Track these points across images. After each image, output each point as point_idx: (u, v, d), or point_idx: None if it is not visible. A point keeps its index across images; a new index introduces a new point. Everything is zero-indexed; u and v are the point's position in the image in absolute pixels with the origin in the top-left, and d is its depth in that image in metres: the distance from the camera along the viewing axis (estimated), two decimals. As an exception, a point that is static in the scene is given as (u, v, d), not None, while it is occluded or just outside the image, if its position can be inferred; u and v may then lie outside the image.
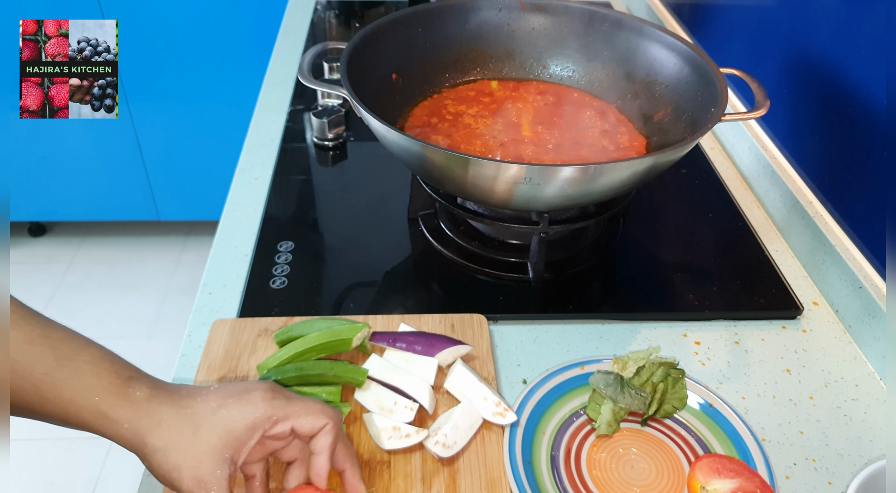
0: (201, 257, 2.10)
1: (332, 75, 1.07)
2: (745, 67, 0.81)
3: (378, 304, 0.72)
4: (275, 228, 0.80)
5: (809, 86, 0.82)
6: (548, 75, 0.91)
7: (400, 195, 0.86)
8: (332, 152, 0.95)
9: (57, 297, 1.96)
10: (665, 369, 0.59)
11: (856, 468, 0.57)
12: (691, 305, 0.72)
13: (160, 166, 1.95)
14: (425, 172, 0.69)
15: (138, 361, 0.48)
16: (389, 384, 0.58)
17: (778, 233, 0.84)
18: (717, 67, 0.74)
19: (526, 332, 0.69)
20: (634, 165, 0.62)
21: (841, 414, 0.62)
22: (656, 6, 1.31)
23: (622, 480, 0.55)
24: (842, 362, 0.67)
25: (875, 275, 0.69)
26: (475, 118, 0.82)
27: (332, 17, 1.37)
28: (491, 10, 0.89)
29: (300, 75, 0.75)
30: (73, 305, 1.93)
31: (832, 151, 0.78)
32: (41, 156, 1.89)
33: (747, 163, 0.93)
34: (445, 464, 0.54)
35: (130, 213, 2.05)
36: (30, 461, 1.55)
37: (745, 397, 0.63)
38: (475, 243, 0.78)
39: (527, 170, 0.60)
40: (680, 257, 0.80)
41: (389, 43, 0.82)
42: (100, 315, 1.90)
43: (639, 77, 0.84)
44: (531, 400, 0.59)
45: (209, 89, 1.82)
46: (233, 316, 0.69)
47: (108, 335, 1.73)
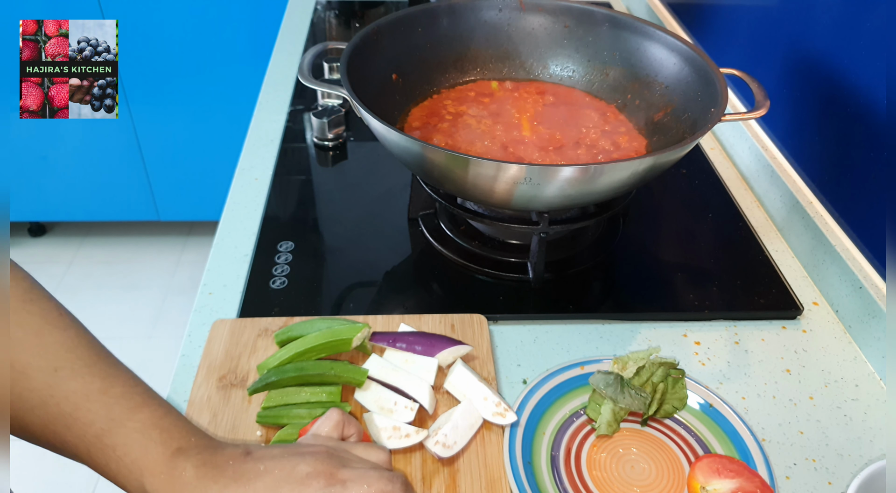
0: (201, 256, 2.10)
1: (332, 75, 1.07)
2: (745, 67, 0.81)
3: (378, 304, 0.72)
4: (275, 228, 0.80)
5: (809, 86, 0.82)
6: (548, 75, 0.91)
7: (400, 195, 0.86)
8: (332, 152, 0.95)
9: (57, 297, 1.96)
10: (665, 370, 0.59)
11: (856, 468, 0.57)
12: (691, 305, 0.72)
13: (160, 166, 1.95)
14: (425, 172, 0.69)
15: (138, 361, 0.47)
16: (389, 384, 0.58)
17: (778, 233, 0.84)
18: (717, 67, 0.74)
19: (526, 332, 0.69)
20: (634, 165, 0.62)
21: (841, 414, 0.62)
22: (656, 6, 1.31)
23: (622, 480, 0.55)
24: (842, 362, 0.67)
25: (875, 275, 0.69)
26: (475, 118, 0.82)
27: (332, 17, 1.37)
28: (491, 10, 0.89)
29: (300, 75, 0.75)
30: (73, 305, 1.91)
31: (832, 151, 0.78)
32: (41, 156, 1.89)
33: (747, 163, 0.93)
34: (445, 464, 0.54)
35: (130, 213, 2.05)
36: (29, 461, 1.55)
37: (745, 398, 0.63)
38: (475, 243, 0.78)
39: (527, 170, 0.60)
40: (680, 257, 0.80)
41: (389, 43, 0.82)
42: (100, 315, 1.90)
43: (639, 77, 0.84)
44: (531, 400, 0.59)
45: (209, 89, 1.82)
46: (233, 316, 0.69)
47: (109, 335, 1.73)
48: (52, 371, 0.44)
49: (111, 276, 2.05)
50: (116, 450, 0.43)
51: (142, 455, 0.43)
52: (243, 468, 0.44)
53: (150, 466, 0.43)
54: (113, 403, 0.44)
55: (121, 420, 0.43)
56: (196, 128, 1.88)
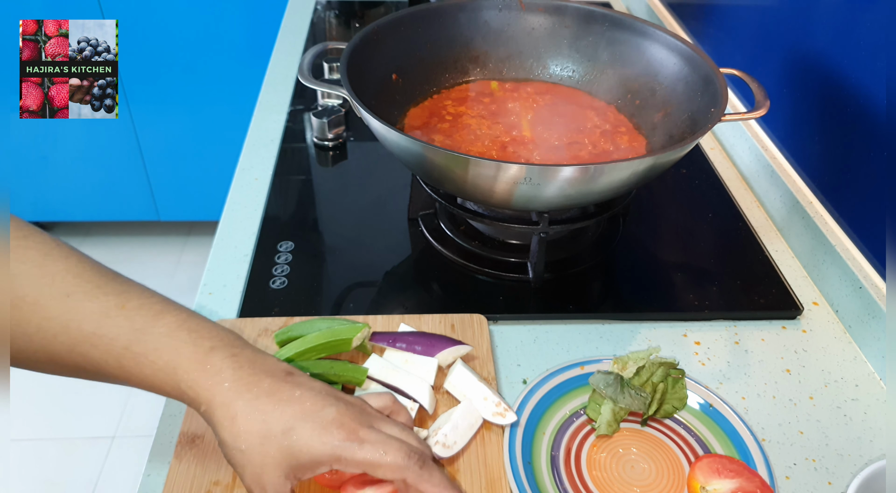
0: (201, 257, 2.10)
1: (332, 75, 1.07)
2: (745, 67, 0.81)
3: (378, 304, 0.72)
4: (275, 228, 0.80)
5: (809, 86, 0.82)
6: (548, 75, 0.91)
7: (400, 195, 0.86)
8: (332, 152, 0.95)
9: (57, 297, 1.96)
10: (665, 370, 0.59)
11: (856, 468, 0.57)
12: (691, 305, 0.72)
13: (160, 166, 1.95)
14: (425, 173, 0.69)
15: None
16: (389, 384, 0.58)
17: (778, 233, 0.84)
18: (717, 67, 0.74)
19: (526, 332, 0.69)
20: (634, 165, 0.62)
21: (841, 414, 0.62)
22: (656, 6, 1.31)
23: (622, 480, 0.55)
24: (842, 362, 0.67)
25: (875, 275, 0.69)
26: (475, 118, 0.82)
27: (332, 17, 1.37)
28: (491, 10, 0.89)
29: (300, 75, 0.75)
30: (73, 305, 1.93)
31: (832, 151, 0.78)
32: (41, 156, 1.89)
33: (747, 163, 0.93)
34: (445, 464, 0.54)
35: (130, 213, 2.05)
36: (30, 461, 1.55)
37: (745, 397, 0.63)
38: (475, 243, 0.78)
39: (527, 170, 0.60)
40: (680, 257, 0.80)
41: (389, 43, 0.82)
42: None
43: (639, 77, 0.84)
44: (531, 400, 0.59)
45: (209, 89, 1.82)
46: (233, 316, 0.69)
47: (108, 335, 1.73)
48: (65, 297, 0.44)
49: (111, 276, 2.05)
50: (148, 355, 0.43)
51: (174, 356, 0.44)
52: (279, 386, 0.44)
53: (183, 365, 0.43)
54: (134, 314, 0.44)
55: (146, 329, 0.44)
56: (196, 128, 1.88)
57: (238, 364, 0.44)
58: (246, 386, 0.44)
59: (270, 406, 0.44)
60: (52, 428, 1.62)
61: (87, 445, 1.59)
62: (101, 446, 1.59)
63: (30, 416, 1.62)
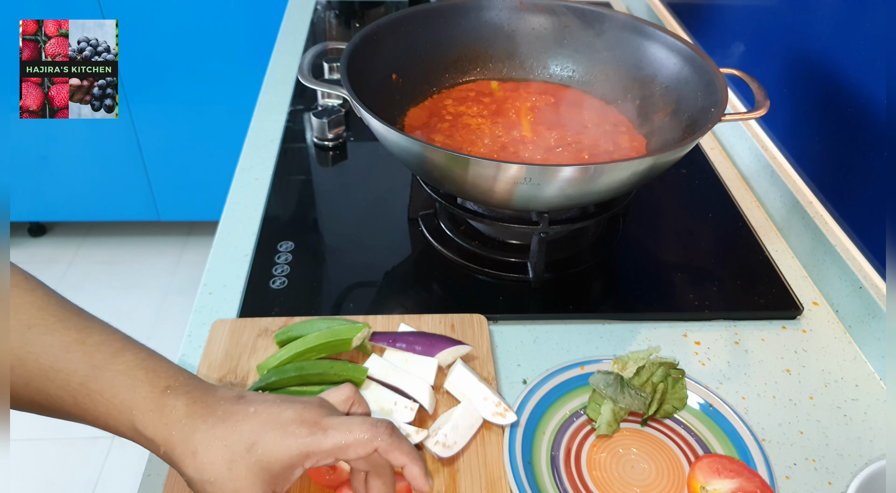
0: (201, 257, 2.10)
1: (332, 75, 1.07)
2: (745, 67, 0.81)
3: (378, 304, 0.72)
4: (275, 228, 0.80)
5: (809, 86, 0.82)
6: (548, 75, 0.91)
7: (400, 195, 0.86)
8: (332, 152, 0.95)
9: (57, 297, 1.96)
10: (665, 370, 0.59)
11: (856, 468, 0.57)
12: (691, 305, 0.72)
13: (160, 166, 1.95)
14: (425, 172, 0.69)
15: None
16: (389, 384, 0.58)
17: (778, 233, 0.84)
18: (717, 67, 0.74)
19: (526, 332, 0.69)
20: (634, 165, 0.62)
21: (841, 414, 0.62)
22: (656, 6, 1.31)
23: (622, 480, 0.55)
24: (842, 362, 0.67)
25: (875, 275, 0.69)
26: (475, 118, 0.82)
27: (332, 17, 1.37)
28: (491, 10, 0.89)
29: (300, 75, 0.75)
30: (73, 305, 1.93)
31: (832, 151, 0.78)
32: (41, 156, 1.89)
33: (747, 163, 0.93)
34: (445, 464, 0.54)
35: (130, 213, 2.05)
36: (29, 461, 1.55)
37: (745, 398, 0.63)
38: (475, 243, 0.78)
39: (527, 170, 0.60)
40: (680, 257, 0.80)
41: (389, 43, 0.82)
42: (100, 315, 1.89)
43: (639, 77, 0.84)
44: (531, 400, 0.59)
45: (209, 89, 1.82)
46: (233, 316, 0.69)
47: (108, 335, 1.73)
48: (26, 328, 0.43)
49: (111, 276, 2.05)
50: (104, 393, 0.42)
51: (130, 396, 0.43)
52: (233, 409, 0.44)
53: (139, 404, 0.42)
54: (93, 350, 0.43)
55: (104, 366, 0.43)
56: (196, 128, 1.88)
57: (192, 400, 0.44)
58: (201, 418, 0.43)
59: (228, 430, 0.43)
60: (52, 428, 1.61)
61: (87, 445, 1.59)
62: (101, 446, 1.59)
63: (30, 416, 1.62)
